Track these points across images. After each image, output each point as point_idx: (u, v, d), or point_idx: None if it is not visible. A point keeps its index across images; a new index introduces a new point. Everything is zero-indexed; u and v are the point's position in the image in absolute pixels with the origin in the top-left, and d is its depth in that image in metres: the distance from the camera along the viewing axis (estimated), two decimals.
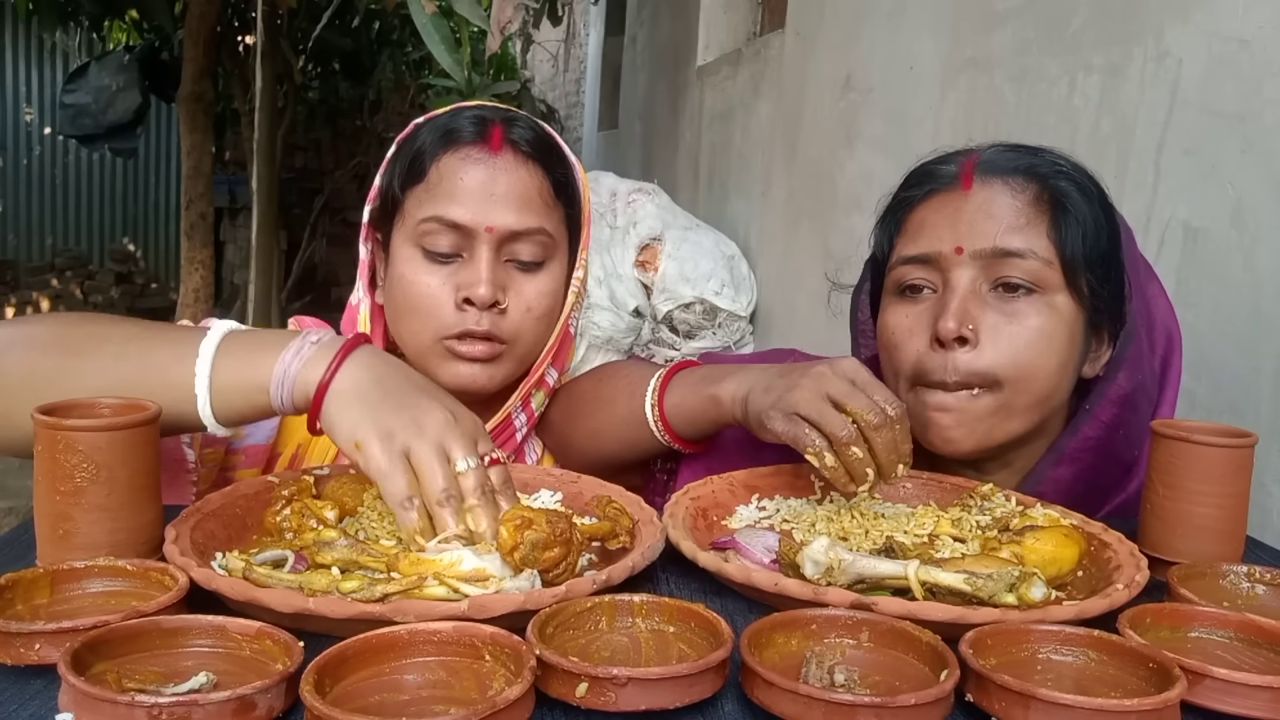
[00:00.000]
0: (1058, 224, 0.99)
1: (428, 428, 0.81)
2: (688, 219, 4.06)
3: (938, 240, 1.02)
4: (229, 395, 0.86)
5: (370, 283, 1.20)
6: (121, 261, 8.94)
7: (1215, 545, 0.90)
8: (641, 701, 0.59)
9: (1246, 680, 0.64)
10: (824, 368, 0.93)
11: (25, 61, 8.57)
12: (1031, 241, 0.99)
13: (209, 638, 0.64)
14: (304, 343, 0.86)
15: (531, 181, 1.10)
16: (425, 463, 0.79)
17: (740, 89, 4.19)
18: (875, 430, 0.88)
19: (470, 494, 0.80)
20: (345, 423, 0.82)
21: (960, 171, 1.04)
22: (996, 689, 0.61)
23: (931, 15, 2.43)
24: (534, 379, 1.17)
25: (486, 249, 1.08)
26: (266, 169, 5.26)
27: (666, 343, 3.80)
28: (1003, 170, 1.03)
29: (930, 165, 1.09)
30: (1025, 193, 1.01)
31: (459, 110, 1.14)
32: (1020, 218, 1.00)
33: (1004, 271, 0.99)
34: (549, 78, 11.01)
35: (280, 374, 0.84)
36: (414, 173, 1.11)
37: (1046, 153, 1.06)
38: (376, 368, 0.86)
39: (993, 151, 1.06)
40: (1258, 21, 1.35)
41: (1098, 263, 1.01)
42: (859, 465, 0.89)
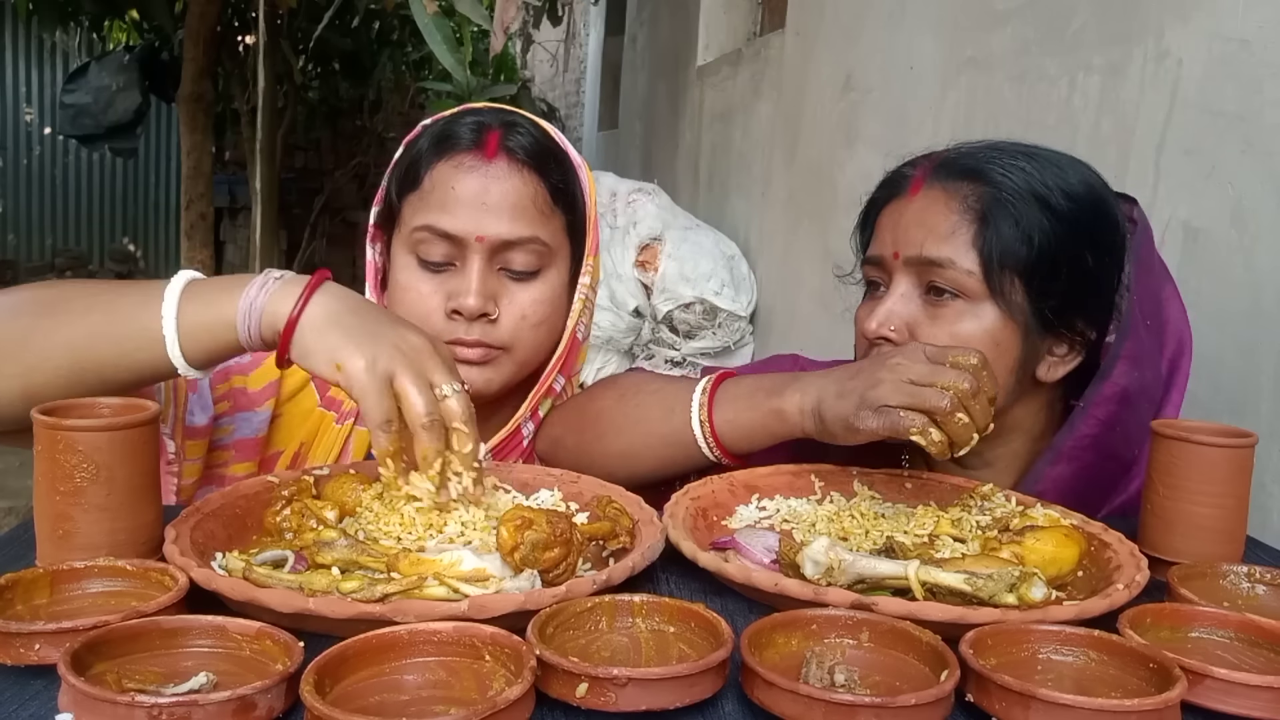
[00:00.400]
0: (984, 234, 1.02)
1: (408, 352, 0.83)
2: (688, 219, 4.06)
3: (883, 244, 1.09)
4: (196, 334, 0.86)
5: (381, 284, 1.19)
6: (121, 261, 8.94)
7: (1215, 545, 0.90)
8: (642, 702, 0.59)
9: (1247, 680, 0.64)
10: (897, 358, 0.92)
11: (25, 61, 8.57)
12: (954, 251, 1.02)
13: (209, 638, 0.64)
14: (268, 278, 0.87)
15: (525, 189, 1.09)
16: (408, 386, 0.81)
17: (740, 89, 4.19)
18: (972, 398, 0.88)
19: (455, 417, 0.82)
20: (323, 346, 0.83)
21: (914, 174, 1.09)
22: (997, 689, 0.61)
23: (931, 15, 2.43)
24: (543, 389, 1.15)
25: (478, 258, 1.08)
26: (266, 169, 5.26)
27: (666, 343, 3.80)
28: (948, 176, 1.06)
29: (899, 168, 1.13)
30: (960, 202, 1.04)
31: (460, 115, 1.13)
32: (947, 226, 1.03)
33: (931, 278, 1.04)
34: (549, 78, 11.01)
35: (245, 307, 0.85)
36: (410, 179, 1.10)
37: (1028, 167, 1.05)
38: (348, 299, 0.88)
39: (958, 151, 1.08)
40: (1258, 21, 1.35)
41: (1040, 270, 1.02)
42: (965, 431, 0.89)
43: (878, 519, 0.96)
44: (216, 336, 0.87)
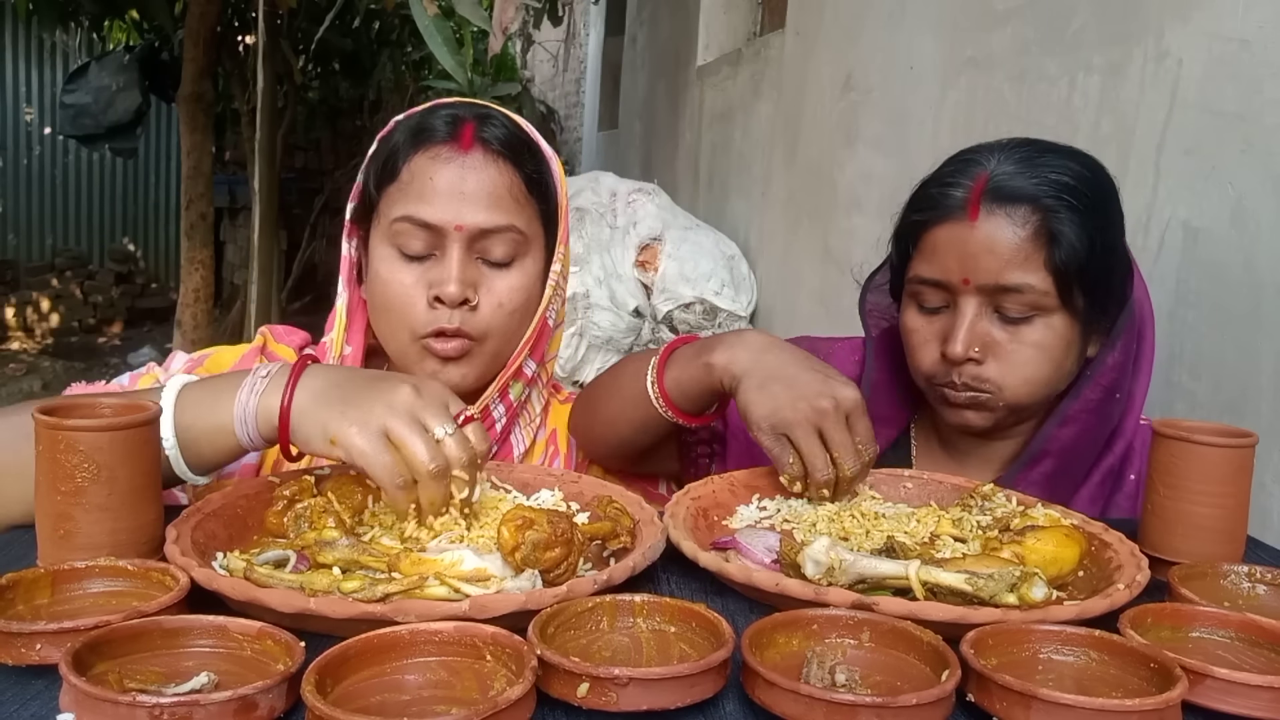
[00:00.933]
0: (1053, 255, 1.07)
1: (396, 404, 0.84)
2: (688, 219, 4.06)
3: (947, 270, 1.11)
4: (198, 446, 0.88)
5: (356, 278, 1.22)
6: (121, 261, 8.94)
7: (1216, 545, 0.90)
8: (643, 701, 0.59)
9: (1247, 680, 0.64)
10: (827, 402, 0.96)
11: (25, 61, 8.57)
12: (1030, 276, 1.07)
13: (210, 638, 0.64)
14: (255, 379, 0.89)
15: (501, 179, 1.11)
16: (405, 436, 0.82)
17: (740, 89, 4.19)
18: (849, 480, 0.96)
19: (455, 462, 0.83)
20: (315, 426, 0.84)
21: (968, 199, 1.10)
22: (998, 689, 0.61)
23: (931, 15, 2.43)
24: (511, 370, 1.17)
25: (457, 247, 1.09)
26: (266, 169, 5.26)
27: (666, 343, 3.80)
28: (1006, 199, 1.08)
29: (939, 188, 1.13)
30: (1026, 227, 1.07)
31: (434, 108, 1.14)
32: (1020, 253, 1.07)
33: (1005, 302, 1.09)
34: (549, 78, 11.01)
35: (240, 413, 0.87)
36: (387, 172, 1.12)
37: (1052, 168, 1.10)
38: (330, 375, 0.90)
39: (1001, 174, 1.10)
40: (1258, 21, 1.35)
41: (1092, 275, 1.09)
42: (820, 500, 0.98)
43: (878, 519, 0.96)
44: (216, 445, 0.89)
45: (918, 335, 1.16)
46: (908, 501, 1.04)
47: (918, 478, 1.07)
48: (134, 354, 7.33)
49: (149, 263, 9.34)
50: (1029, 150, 1.12)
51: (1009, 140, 1.15)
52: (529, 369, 1.21)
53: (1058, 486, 1.14)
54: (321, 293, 7.86)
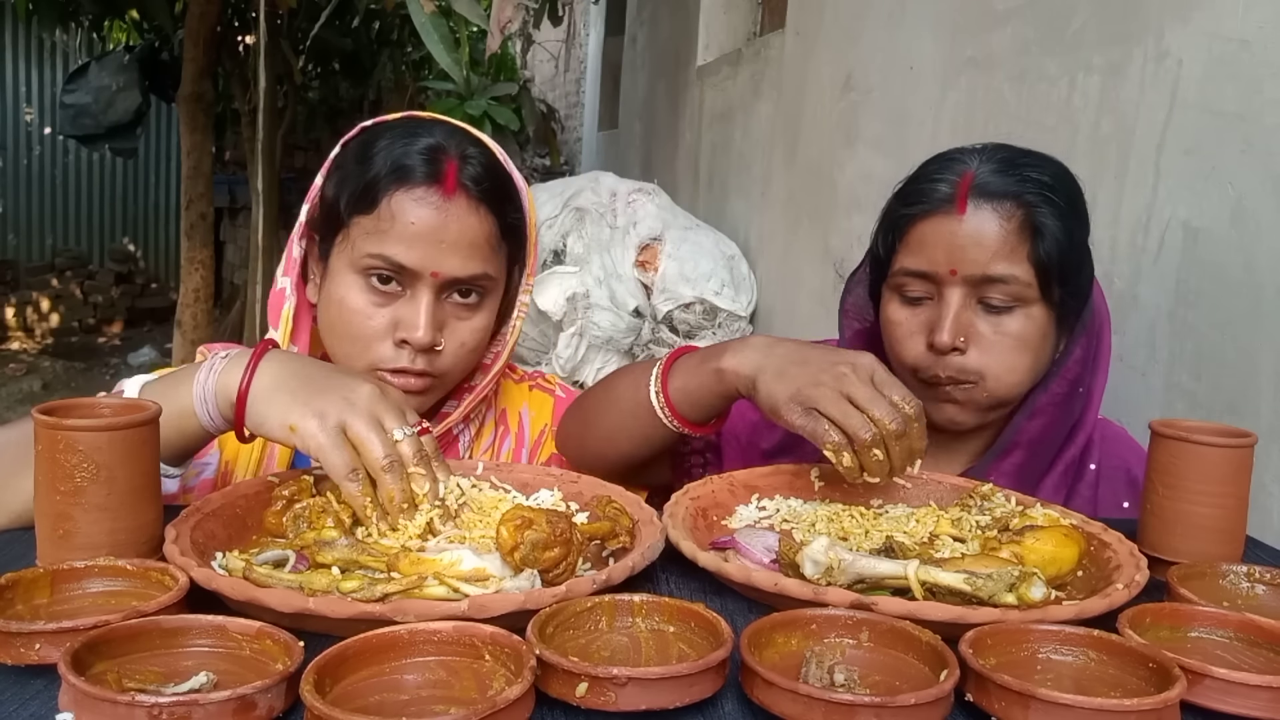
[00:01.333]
0: (1037, 249, 1.11)
1: (357, 402, 0.85)
2: (688, 219, 4.06)
3: (934, 261, 1.14)
4: (165, 433, 0.86)
5: (301, 277, 1.19)
6: (121, 261, 8.94)
7: (1215, 545, 0.90)
8: (641, 701, 0.59)
9: (1246, 680, 0.64)
10: (845, 368, 0.95)
11: (25, 61, 8.57)
12: (1014, 267, 1.11)
13: (209, 638, 0.64)
14: (214, 360, 0.90)
15: (481, 229, 1.11)
16: (362, 434, 0.83)
17: (740, 89, 4.19)
18: (896, 439, 0.93)
19: (409, 460, 0.84)
20: (275, 412, 0.86)
21: (955, 194, 1.13)
22: (996, 689, 0.61)
23: (931, 15, 2.43)
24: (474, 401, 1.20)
25: (429, 292, 1.09)
26: (266, 169, 5.26)
27: (666, 343, 3.80)
28: (993, 195, 1.12)
29: (927, 183, 1.16)
30: (1011, 220, 1.11)
31: (413, 136, 1.11)
32: (1005, 245, 1.11)
33: (989, 292, 1.13)
34: (549, 78, 11.01)
35: (200, 392, 0.89)
36: (364, 201, 1.09)
37: (1032, 168, 1.15)
38: (292, 363, 0.91)
39: (985, 171, 1.14)
40: (1258, 21, 1.35)
41: (1068, 269, 1.14)
42: (878, 466, 0.93)
43: (877, 519, 0.96)
44: (181, 428, 0.90)
45: (902, 327, 1.18)
46: (906, 501, 1.04)
47: (916, 478, 1.07)
48: (134, 354, 7.33)
49: (149, 263, 9.34)
50: (1008, 153, 1.17)
51: (985, 145, 1.20)
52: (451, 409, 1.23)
53: (1025, 477, 1.18)
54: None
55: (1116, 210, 1.64)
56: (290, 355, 0.94)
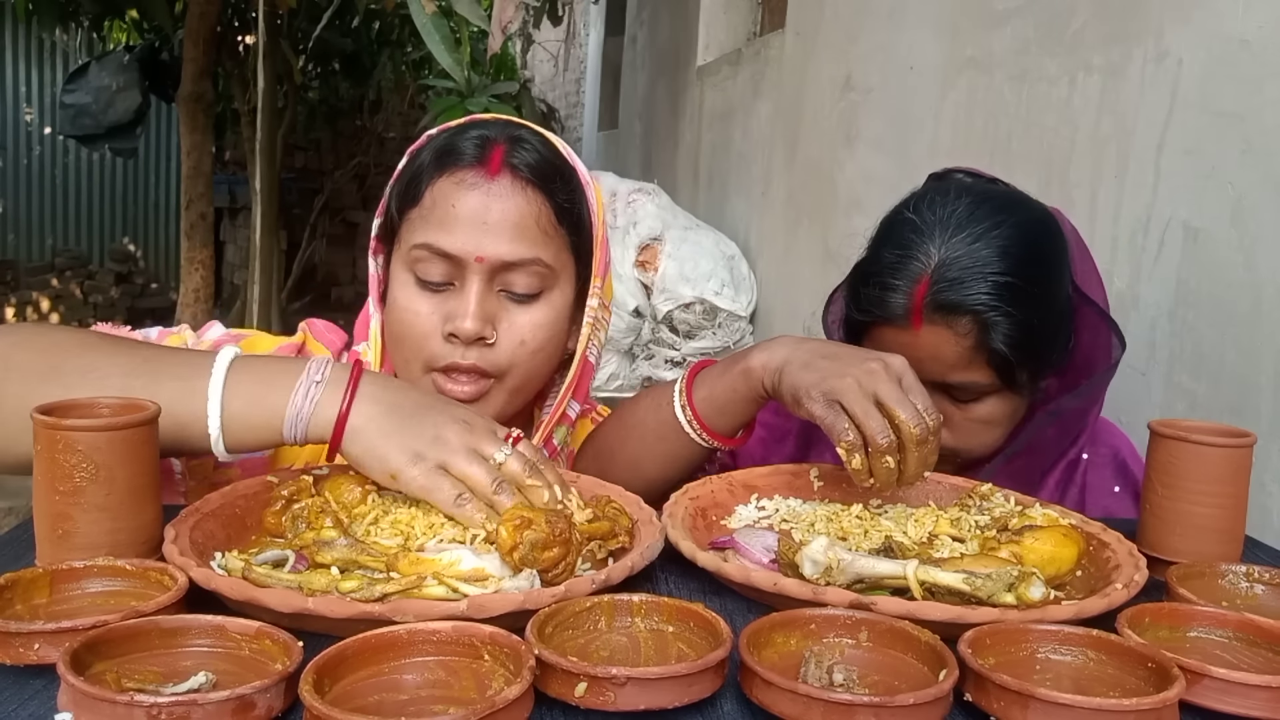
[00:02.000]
0: (993, 358, 1.10)
1: (450, 439, 0.84)
2: (688, 219, 4.06)
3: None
4: (241, 433, 0.87)
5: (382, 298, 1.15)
6: (121, 261, 8.94)
7: (1214, 545, 0.90)
8: (640, 701, 0.59)
9: (1245, 680, 0.64)
10: (877, 364, 0.94)
11: (25, 61, 8.56)
12: (973, 374, 1.12)
13: (208, 637, 0.64)
14: (309, 382, 0.87)
15: (529, 209, 1.05)
16: (464, 469, 0.83)
17: (740, 89, 4.19)
18: (917, 445, 0.91)
19: (520, 476, 0.84)
20: (375, 460, 0.85)
21: (910, 307, 1.11)
22: (995, 688, 0.61)
23: (931, 15, 2.43)
24: (556, 416, 1.13)
25: (477, 279, 1.03)
26: (266, 169, 5.26)
27: (666, 343, 3.80)
28: (946, 311, 1.09)
29: (881, 291, 1.13)
30: (968, 337, 1.10)
31: (465, 127, 1.09)
32: (962, 360, 1.11)
33: (954, 392, 1.14)
34: (549, 78, 11.01)
35: (293, 415, 0.86)
36: (410, 195, 1.07)
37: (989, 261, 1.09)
38: (385, 397, 0.88)
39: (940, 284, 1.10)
40: (1258, 21, 1.35)
41: (1032, 357, 1.12)
42: (886, 475, 0.92)
43: (876, 519, 0.96)
44: (261, 436, 0.88)
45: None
46: (906, 501, 1.04)
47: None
48: None
49: (149, 263, 9.34)
50: (972, 231, 1.11)
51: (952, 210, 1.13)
52: (573, 411, 1.16)
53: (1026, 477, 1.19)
54: (321, 293, 7.86)
55: (1116, 210, 1.64)
56: (384, 382, 0.90)
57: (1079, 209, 1.76)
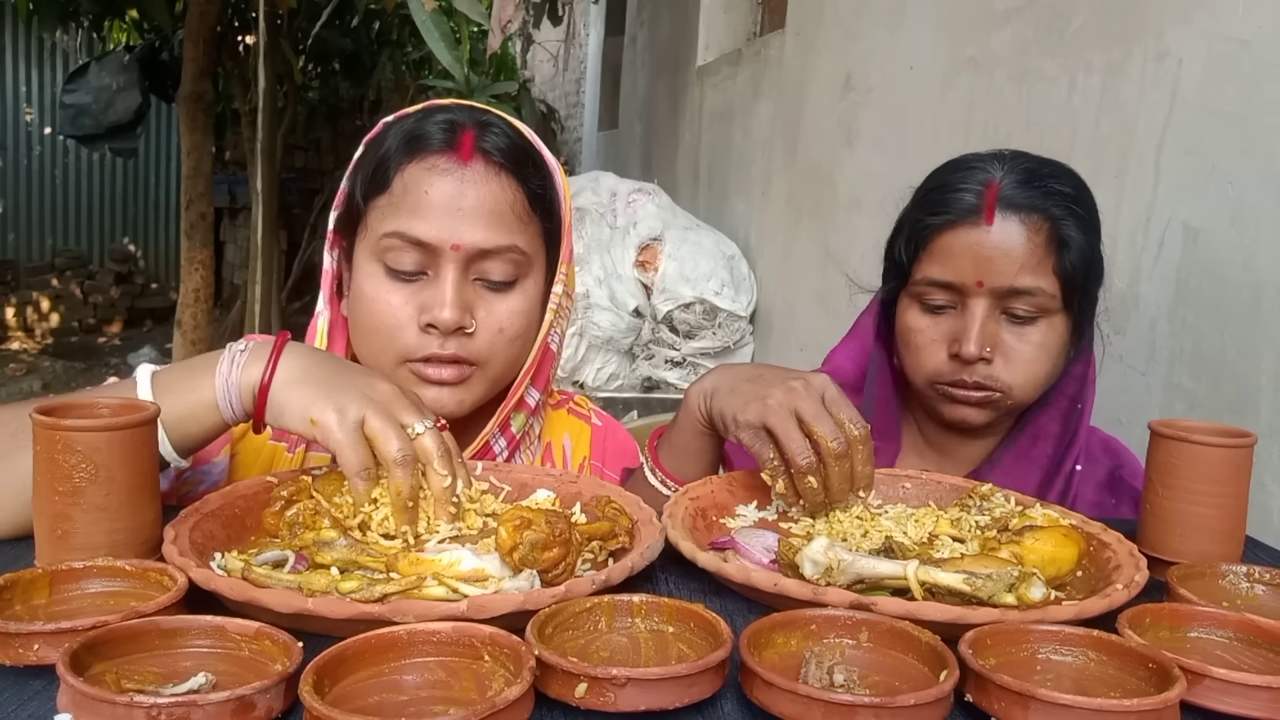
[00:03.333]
0: (1063, 261, 1.13)
1: (376, 399, 0.84)
2: (688, 219, 4.06)
3: (960, 272, 1.14)
4: (183, 425, 0.87)
5: (336, 293, 1.13)
6: (121, 261, 8.94)
7: (1215, 545, 0.90)
8: (641, 702, 0.59)
9: (1246, 680, 0.64)
10: (798, 383, 0.95)
11: (25, 61, 8.56)
12: (1041, 280, 1.13)
13: (208, 638, 0.64)
14: (233, 353, 0.88)
15: (504, 195, 1.02)
16: (379, 428, 0.82)
17: (740, 89, 4.19)
18: (836, 459, 0.91)
19: (431, 454, 0.83)
20: (296, 404, 0.85)
21: (982, 205, 1.13)
22: (996, 689, 0.61)
23: (931, 15, 2.43)
24: (511, 402, 1.10)
25: (453, 268, 1.01)
26: (266, 169, 5.26)
27: (666, 343, 3.80)
28: (1019, 207, 1.13)
29: (951, 192, 1.16)
30: (1039, 234, 1.12)
31: (429, 111, 1.06)
32: (1033, 258, 1.12)
33: (1015, 304, 1.14)
34: (549, 78, 11.01)
35: (224, 386, 0.87)
36: (377, 181, 1.03)
37: (1055, 180, 1.15)
38: (313, 355, 0.89)
39: (1010, 182, 1.14)
40: (1258, 21, 1.35)
41: (1091, 282, 1.17)
42: (811, 495, 0.92)
43: (876, 519, 0.96)
44: (202, 421, 0.88)
45: (922, 335, 1.19)
46: (906, 502, 1.04)
47: (916, 478, 1.07)
48: (134, 354, 7.33)
49: (149, 263, 9.34)
50: (1030, 163, 1.17)
51: (1003, 152, 1.19)
52: (532, 399, 1.14)
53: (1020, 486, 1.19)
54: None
55: (1116, 210, 1.64)
56: (310, 349, 0.91)
57: None
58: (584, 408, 1.28)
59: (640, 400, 3.64)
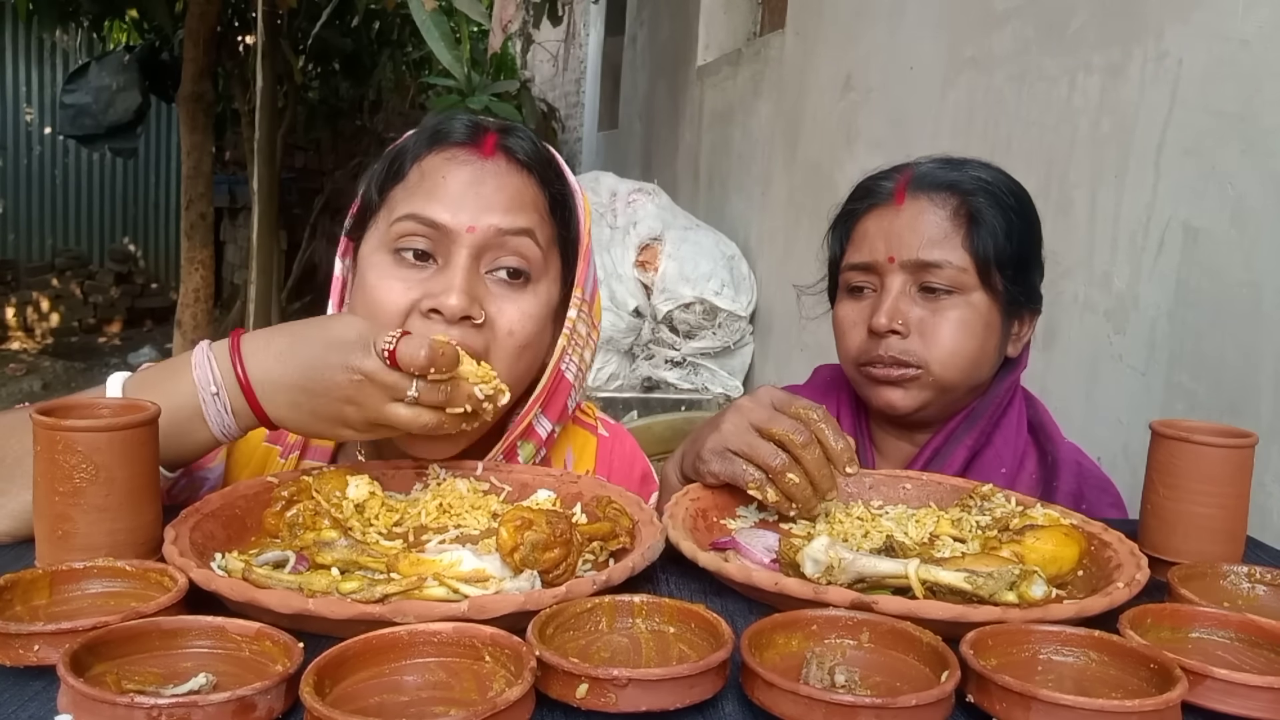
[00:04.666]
0: (972, 236, 1.17)
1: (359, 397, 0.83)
2: (688, 219, 4.06)
3: (874, 250, 1.21)
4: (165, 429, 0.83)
5: (341, 301, 1.10)
6: (121, 261, 8.94)
7: (1215, 545, 0.90)
8: (642, 702, 0.59)
9: (1247, 681, 0.64)
10: (742, 400, 0.97)
11: (25, 61, 8.57)
12: (949, 253, 1.17)
13: (208, 639, 0.64)
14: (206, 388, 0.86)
15: (526, 189, 1.00)
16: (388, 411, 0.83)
17: (740, 89, 4.19)
18: (803, 449, 0.91)
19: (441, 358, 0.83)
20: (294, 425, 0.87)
21: (894, 188, 1.21)
22: (997, 689, 0.61)
23: (931, 15, 2.43)
24: (520, 427, 1.03)
25: (465, 254, 0.95)
26: (266, 169, 5.26)
27: (666, 343, 3.80)
28: (929, 187, 1.20)
29: (872, 181, 1.25)
30: (945, 208, 1.18)
31: (454, 114, 1.05)
32: (939, 232, 1.18)
33: (926, 277, 1.18)
34: (549, 78, 11.01)
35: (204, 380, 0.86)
36: (393, 173, 1.01)
37: (971, 166, 1.22)
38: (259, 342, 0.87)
39: (927, 167, 1.22)
40: (1258, 21, 1.35)
41: (1011, 263, 1.19)
42: (799, 491, 0.91)
43: (877, 519, 0.96)
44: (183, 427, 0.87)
45: (846, 320, 1.25)
46: (907, 503, 1.04)
47: (916, 479, 1.06)
48: (134, 354, 7.33)
49: (149, 263, 9.34)
50: (953, 159, 1.24)
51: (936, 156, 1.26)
52: (543, 429, 1.06)
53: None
54: (321, 293, 7.84)
55: (1116, 210, 1.64)
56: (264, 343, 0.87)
57: (1079, 209, 1.76)
58: (590, 416, 1.22)
59: (640, 400, 3.64)
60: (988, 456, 1.22)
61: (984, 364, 1.21)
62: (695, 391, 3.73)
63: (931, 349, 1.17)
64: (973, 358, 1.19)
